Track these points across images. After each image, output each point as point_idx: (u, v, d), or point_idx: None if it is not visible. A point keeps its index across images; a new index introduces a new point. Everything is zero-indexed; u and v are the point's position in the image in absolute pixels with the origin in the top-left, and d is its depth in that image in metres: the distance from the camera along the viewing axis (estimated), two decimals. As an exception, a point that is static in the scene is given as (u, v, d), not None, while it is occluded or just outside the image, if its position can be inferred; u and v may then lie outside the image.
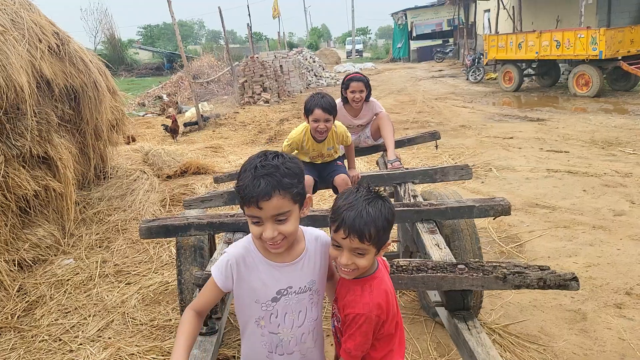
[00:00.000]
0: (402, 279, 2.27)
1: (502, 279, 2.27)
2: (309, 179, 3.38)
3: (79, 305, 3.82)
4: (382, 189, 3.46)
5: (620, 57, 12.06)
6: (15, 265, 4.32)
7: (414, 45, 33.25)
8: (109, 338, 3.32)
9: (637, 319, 3.10)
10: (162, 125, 11.20)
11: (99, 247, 4.92)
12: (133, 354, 3.05)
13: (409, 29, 33.72)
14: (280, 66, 17.77)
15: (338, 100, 3.72)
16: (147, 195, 5.95)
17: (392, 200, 3.47)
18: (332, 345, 1.85)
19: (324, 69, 23.63)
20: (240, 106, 15.23)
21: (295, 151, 3.54)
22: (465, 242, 2.98)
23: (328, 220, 1.66)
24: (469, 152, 7.75)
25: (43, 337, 3.40)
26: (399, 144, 4.35)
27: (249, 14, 19.42)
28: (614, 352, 2.84)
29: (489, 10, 21.70)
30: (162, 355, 3.04)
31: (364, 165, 6.97)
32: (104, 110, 5.62)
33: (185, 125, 11.95)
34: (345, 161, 3.66)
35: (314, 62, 22.99)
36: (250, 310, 1.60)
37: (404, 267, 2.32)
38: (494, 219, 4.55)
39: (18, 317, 3.70)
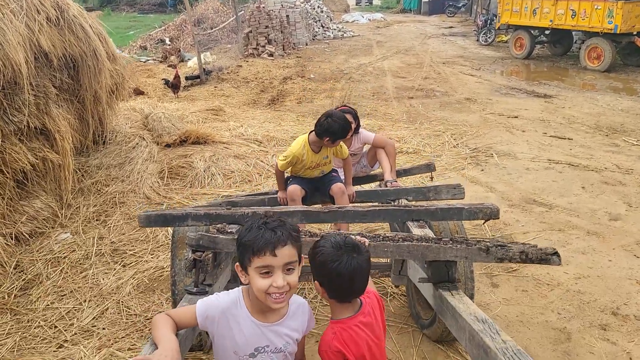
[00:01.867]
0: (388, 247, 2.36)
1: (485, 251, 2.34)
2: (295, 189, 3.42)
3: (74, 287, 3.88)
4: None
5: (635, 33, 11.72)
6: (12, 239, 4.36)
7: (426, -4, 32.11)
8: (103, 329, 3.40)
9: (620, 343, 3.16)
10: (163, 79, 10.99)
11: (96, 220, 4.95)
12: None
13: (422, -21, 32.50)
14: (287, 16, 17.27)
15: None
16: (146, 165, 5.92)
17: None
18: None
19: (331, 20, 22.99)
20: (244, 58, 14.92)
21: (289, 168, 3.58)
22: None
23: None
24: (472, 132, 7.66)
25: (39, 322, 3.47)
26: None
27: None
28: (593, 379, 2.92)
29: (506, -34, 20.82)
30: None
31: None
32: (104, 78, 5.51)
33: (187, 78, 11.73)
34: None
35: (322, 11, 22.33)
36: (228, 358, 1.74)
37: (390, 237, 2.41)
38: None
39: (15, 296, 3.78)
